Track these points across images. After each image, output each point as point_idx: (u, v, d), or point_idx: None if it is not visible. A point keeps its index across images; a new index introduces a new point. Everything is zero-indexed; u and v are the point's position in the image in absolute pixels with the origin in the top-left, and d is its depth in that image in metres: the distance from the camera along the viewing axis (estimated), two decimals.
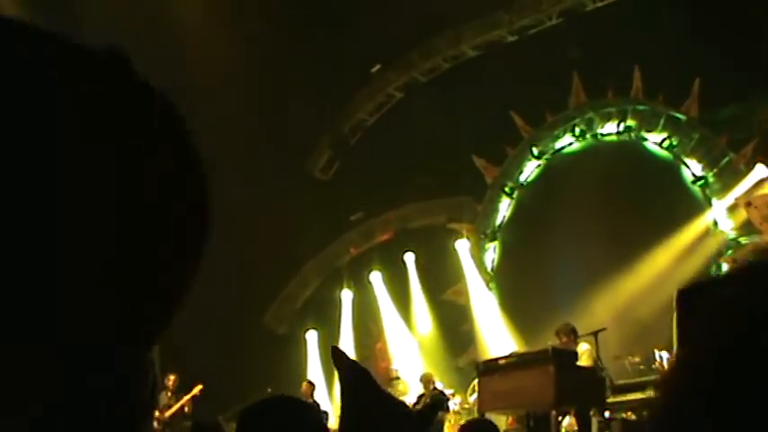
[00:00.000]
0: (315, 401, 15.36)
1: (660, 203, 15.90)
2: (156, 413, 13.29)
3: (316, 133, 19.77)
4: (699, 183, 15.92)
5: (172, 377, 14.73)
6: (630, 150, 16.97)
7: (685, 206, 15.76)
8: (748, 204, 13.32)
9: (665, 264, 15.41)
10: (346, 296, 20.16)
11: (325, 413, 14.15)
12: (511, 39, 18.53)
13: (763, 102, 14.64)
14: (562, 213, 16.85)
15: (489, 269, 18.39)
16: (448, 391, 15.42)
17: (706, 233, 15.41)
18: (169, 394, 14.58)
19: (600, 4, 17.11)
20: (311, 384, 16.04)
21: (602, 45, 16.23)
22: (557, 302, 15.95)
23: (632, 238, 15.78)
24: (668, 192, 16.13)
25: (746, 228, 14.48)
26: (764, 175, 14.02)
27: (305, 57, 17.66)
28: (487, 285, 18.19)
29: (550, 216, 17.15)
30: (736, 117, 15.22)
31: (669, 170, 16.37)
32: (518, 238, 18.03)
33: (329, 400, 17.79)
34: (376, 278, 19.78)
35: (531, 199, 18.11)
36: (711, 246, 15.24)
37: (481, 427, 5.26)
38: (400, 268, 19.47)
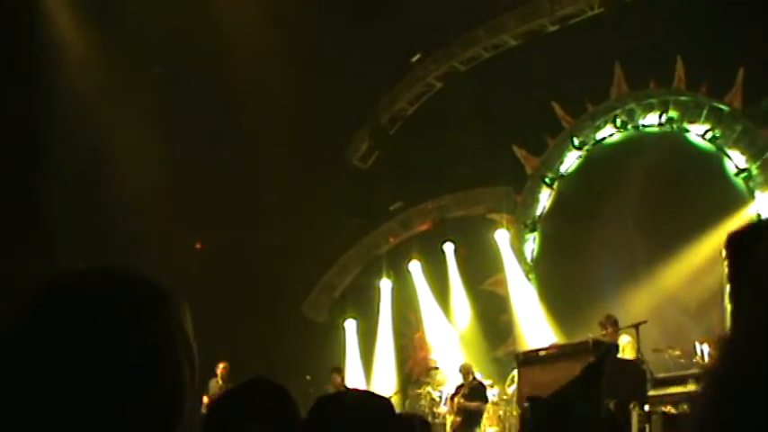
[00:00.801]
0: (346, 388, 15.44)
1: (702, 195, 15.73)
2: (205, 399, 13.41)
3: (355, 122, 19.78)
4: (742, 175, 15.71)
5: (221, 365, 14.79)
6: (672, 142, 16.77)
7: (728, 198, 15.55)
8: None
9: (706, 256, 15.24)
10: (385, 285, 20.15)
11: None
12: (552, 28, 18.41)
13: None
14: (602, 204, 16.77)
15: (529, 260, 18.30)
16: (486, 382, 15.41)
17: None
18: (220, 382, 14.66)
19: None
20: (339, 371, 16.08)
21: (644, 35, 16.09)
22: (597, 294, 15.89)
23: (674, 230, 15.64)
24: (711, 184, 15.95)
25: None
26: None
27: (345, 45, 17.68)
28: (527, 276, 18.11)
29: (591, 207, 17.06)
30: None
31: (712, 162, 16.17)
32: (558, 229, 17.94)
33: (366, 387, 17.82)
34: (415, 268, 19.77)
35: (571, 190, 18.00)
36: None
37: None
38: (439, 258, 19.44)
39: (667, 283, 15.72)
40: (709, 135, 16.20)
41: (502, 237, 18.36)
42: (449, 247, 19.45)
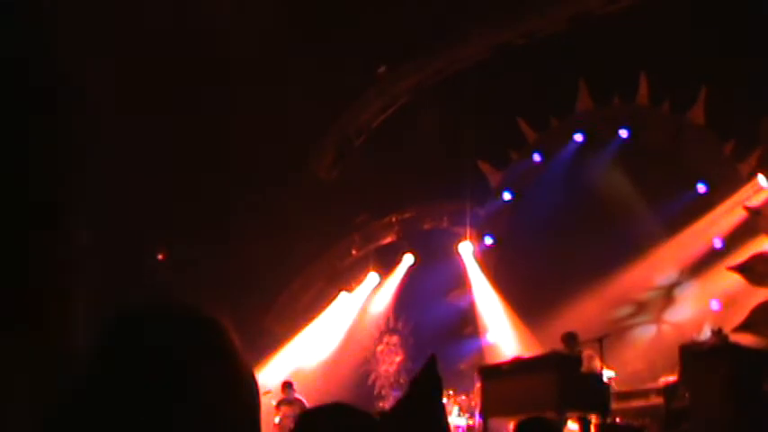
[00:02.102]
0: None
1: (662, 206, 15.93)
2: None
3: (320, 134, 19.72)
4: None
5: None
6: (632, 154, 16.91)
7: (687, 209, 15.71)
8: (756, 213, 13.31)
9: (665, 262, 15.53)
10: (347, 298, 20.10)
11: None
12: (519, 41, 18.48)
13: None
14: (567, 217, 16.84)
15: (493, 272, 18.35)
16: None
17: None
18: None
19: (608, 10, 17.05)
20: (290, 386, 16.03)
21: (608, 51, 16.21)
22: (563, 307, 15.93)
23: (640, 241, 15.82)
24: (670, 194, 16.10)
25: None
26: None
27: (311, 56, 17.63)
28: (491, 288, 18.16)
29: (555, 219, 17.10)
30: (741, 125, 15.16)
31: (671, 173, 16.30)
32: (522, 242, 17.99)
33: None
34: (375, 280, 19.78)
35: (535, 203, 18.05)
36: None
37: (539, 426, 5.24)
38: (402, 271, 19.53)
39: (631, 294, 15.88)
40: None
41: (465, 249, 18.41)
42: (408, 259, 19.50)
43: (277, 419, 15.48)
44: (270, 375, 17.75)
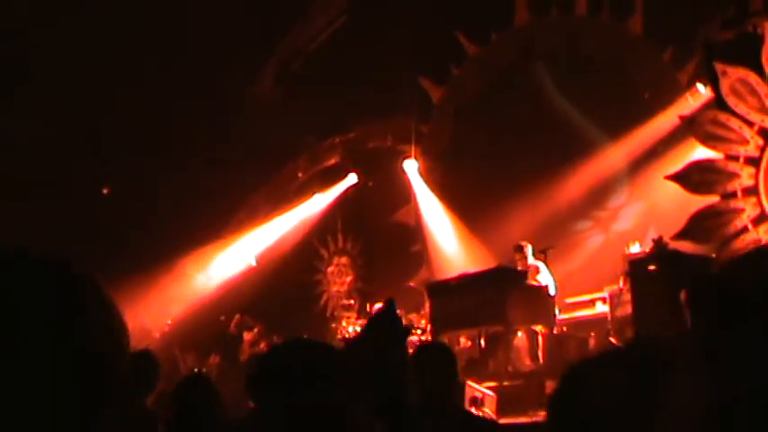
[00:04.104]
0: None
1: (601, 111, 16.04)
2: None
3: (261, 57, 19.47)
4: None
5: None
6: (572, 62, 16.93)
7: (627, 114, 15.82)
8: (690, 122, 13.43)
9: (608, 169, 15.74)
10: (295, 220, 20.04)
11: None
12: None
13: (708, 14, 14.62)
14: (511, 129, 16.85)
15: (439, 188, 18.39)
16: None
17: None
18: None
19: None
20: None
21: None
22: (512, 219, 16.04)
23: (583, 148, 15.95)
24: (611, 101, 16.18)
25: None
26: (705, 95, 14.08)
27: None
28: (438, 204, 18.22)
29: (499, 132, 17.09)
30: (680, 32, 15.19)
31: (611, 80, 16.36)
32: (467, 156, 18.00)
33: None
34: (322, 200, 19.78)
35: (477, 116, 18.04)
36: None
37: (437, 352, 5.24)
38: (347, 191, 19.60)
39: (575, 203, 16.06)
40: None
41: (411, 167, 18.43)
42: (351, 178, 19.53)
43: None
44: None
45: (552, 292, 13.03)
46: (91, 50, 16.22)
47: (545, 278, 13.10)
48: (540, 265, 13.30)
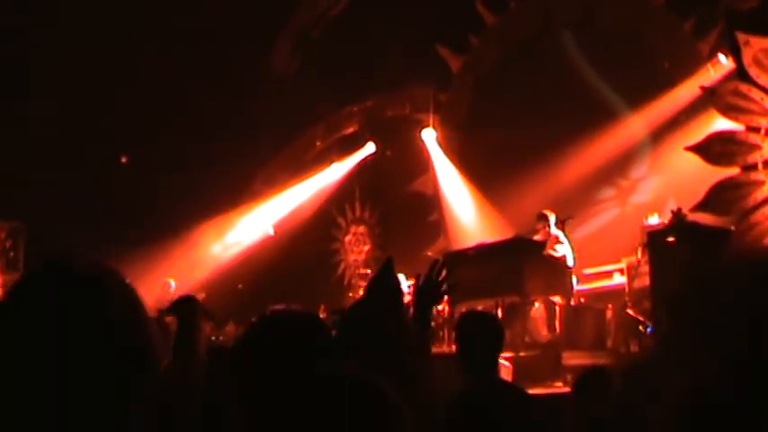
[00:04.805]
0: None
1: (624, 80, 15.93)
2: None
3: (278, 27, 19.40)
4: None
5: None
6: (592, 35, 16.80)
7: (650, 82, 15.71)
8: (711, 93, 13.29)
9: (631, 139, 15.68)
10: (312, 189, 20.03)
11: None
12: None
13: None
14: (530, 97, 16.74)
15: (458, 157, 18.33)
16: (409, 282, 15.59)
17: None
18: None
19: None
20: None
21: None
22: (529, 189, 15.97)
23: (604, 117, 15.87)
24: (632, 68, 16.07)
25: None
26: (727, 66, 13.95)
27: None
28: (457, 173, 18.18)
29: (519, 102, 16.99)
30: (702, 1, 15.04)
31: (633, 48, 16.23)
32: (485, 125, 17.92)
33: None
34: (340, 169, 19.76)
35: (497, 85, 17.95)
36: None
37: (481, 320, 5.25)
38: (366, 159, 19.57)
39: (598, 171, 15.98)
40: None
41: (429, 136, 18.38)
42: (369, 147, 19.49)
43: None
44: None
45: (570, 262, 12.98)
46: (109, 24, 16.25)
47: (564, 248, 13.05)
48: (560, 234, 13.24)
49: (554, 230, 13.29)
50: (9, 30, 15.31)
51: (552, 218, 13.39)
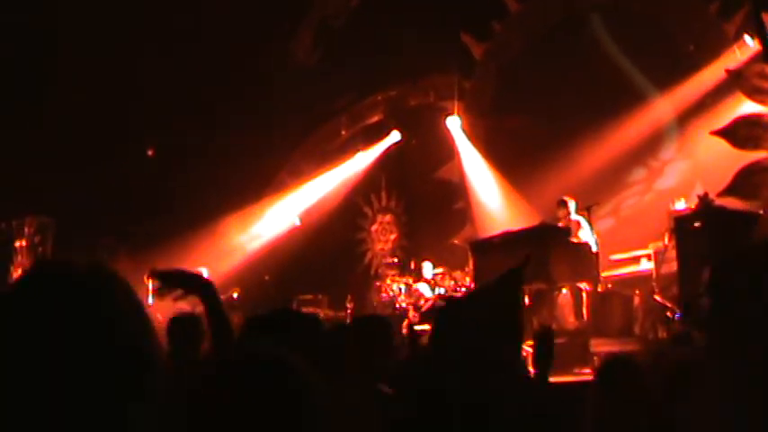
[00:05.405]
0: None
1: (646, 63, 15.84)
2: None
3: (299, 18, 19.40)
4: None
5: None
6: (617, 19, 16.69)
7: (675, 68, 15.59)
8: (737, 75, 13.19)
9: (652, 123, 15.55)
10: (337, 178, 20.05)
11: None
12: None
13: None
14: (554, 83, 16.67)
15: (484, 144, 18.27)
16: (436, 270, 15.66)
17: None
18: None
19: None
20: None
21: None
22: (555, 175, 15.88)
23: (630, 101, 15.76)
24: (656, 53, 15.95)
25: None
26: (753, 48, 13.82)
27: None
28: (482, 161, 18.12)
29: (544, 87, 16.92)
30: None
31: (654, 34, 16.11)
32: (510, 112, 17.86)
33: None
34: (365, 158, 19.77)
35: (520, 72, 17.88)
36: None
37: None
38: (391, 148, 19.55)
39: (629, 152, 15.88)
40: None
41: (453, 123, 18.34)
42: (394, 135, 19.48)
43: None
44: None
45: (594, 248, 12.93)
46: (131, 17, 16.32)
47: (586, 234, 13.00)
48: (582, 220, 13.19)
49: (574, 216, 13.25)
50: (34, 28, 15.42)
51: (572, 204, 13.35)
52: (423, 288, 15.55)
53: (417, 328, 13.22)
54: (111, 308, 1.51)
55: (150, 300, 15.63)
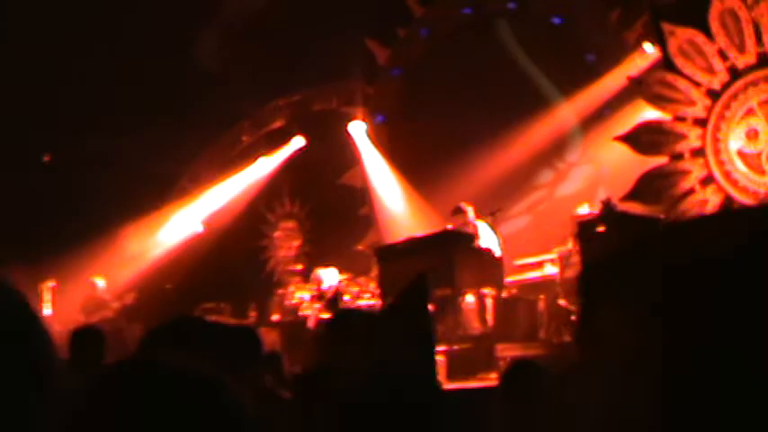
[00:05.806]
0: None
1: (553, 71, 15.99)
2: None
3: (202, 22, 19.10)
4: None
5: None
6: (522, 25, 16.82)
7: (575, 74, 15.76)
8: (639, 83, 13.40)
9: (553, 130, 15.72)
10: (238, 185, 19.77)
11: None
12: None
13: None
14: (459, 89, 16.71)
15: (387, 150, 18.23)
16: (341, 277, 15.39)
17: None
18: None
19: None
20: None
21: None
22: (459, 180, 15.90)
23: (534, 105, 15.89)
24: (560, 59, 16.12)
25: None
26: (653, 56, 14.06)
27: None
28: (386, 166, 18.08)
29: (447, 93, 16.95)
30: None
31: (561, 39, 16.28)
32: (415, 118, 17.87)
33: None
34: (266, 164, 19.53)
35: (425, 77, 17.90)
36: None
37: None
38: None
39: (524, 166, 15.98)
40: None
41: (357, 129, 18.25)
42: (297, 141, 19.29)
43: None
44: None
45: (498, 253, 12.96)
46: (36, 23, 15.91)
47: (487, 240, 13.02)
48: (481, 225, 13.20)
49: (474, 222, 13.26)
50: None
51: (470, 210, 13.34)
52: (324, 274, 14.94)
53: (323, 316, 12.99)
54: (4, 319, 1.38)
55: (47, 310, 15.21)
